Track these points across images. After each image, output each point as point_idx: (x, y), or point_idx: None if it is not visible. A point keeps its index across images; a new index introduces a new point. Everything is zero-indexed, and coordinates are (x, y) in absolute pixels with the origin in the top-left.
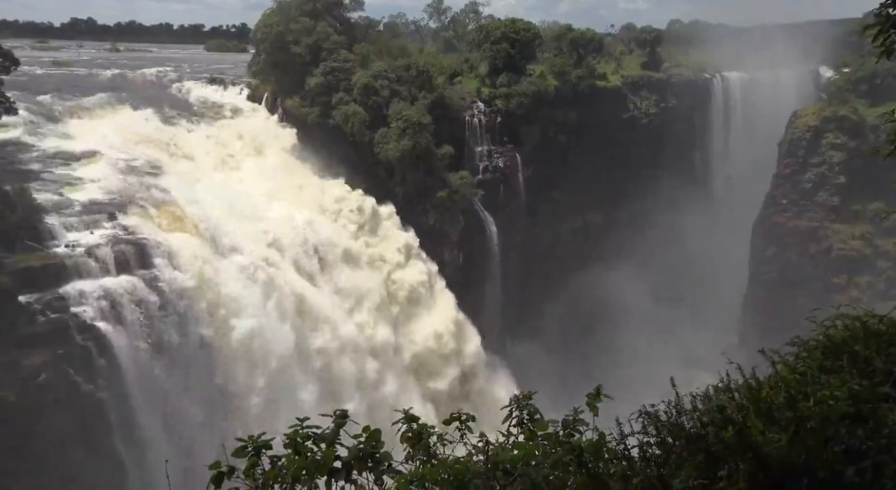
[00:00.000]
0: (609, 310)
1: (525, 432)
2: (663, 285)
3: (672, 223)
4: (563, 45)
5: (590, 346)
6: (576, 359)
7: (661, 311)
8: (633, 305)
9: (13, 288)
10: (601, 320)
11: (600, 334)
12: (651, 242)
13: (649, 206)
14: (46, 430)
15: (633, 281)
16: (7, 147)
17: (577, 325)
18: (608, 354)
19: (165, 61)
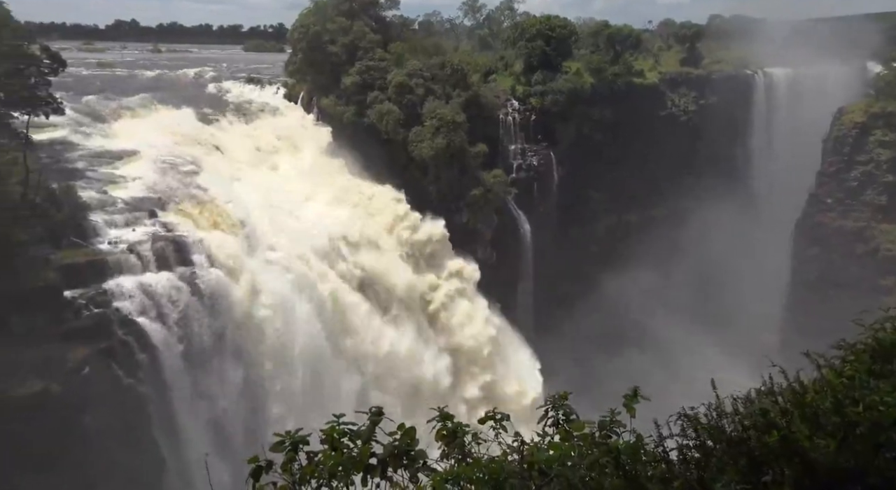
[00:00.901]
0: (645, 309)
1: (560, 433)
2: (701, 284)
3: (710, 222)
4: (600, 41)
5: (624, 345)
6: (610, 358)
7: (698, 310)
8: (670, 304)
9: (59, 283)
10: (636, 319)
11: (635, 334)
12: (688, 241)
13: (687, 205)
14: (90, 423)
15: (670, 279)
16: (55, 146)
17: (612, 324)
18: (642, 354)
19: (205, 61)
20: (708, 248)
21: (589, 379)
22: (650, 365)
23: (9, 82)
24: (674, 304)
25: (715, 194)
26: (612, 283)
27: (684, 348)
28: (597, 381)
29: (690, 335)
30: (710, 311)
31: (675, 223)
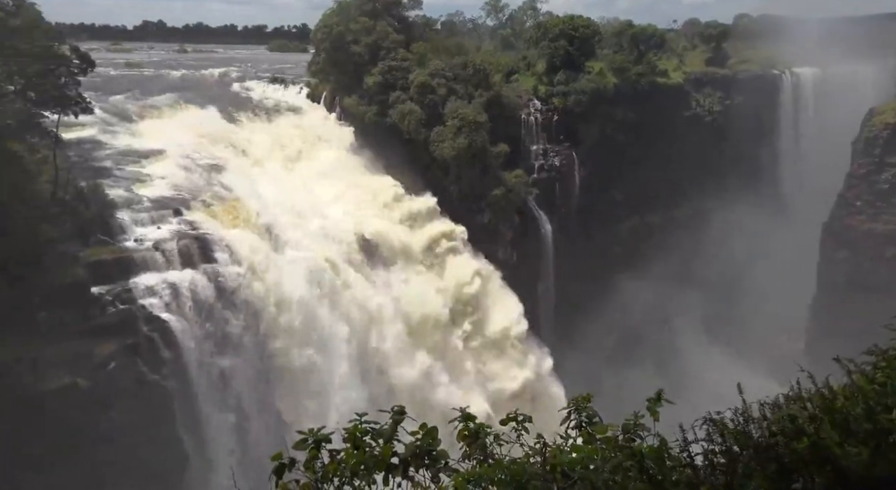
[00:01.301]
0: (667, 310)
1: (583, 435)
2: (724, 286)
3: (734, 223)
4: (623, 41)
5: (645, 346)
6: (631, 360)
7: (721, 313)
8: (693, 306)
9: (87, 280)
10: (658, 321)
11: (657, 336)
12: (712, 242)
13: (711, 206)
14: (115, 417)
15: (693, 281)
16: (84, 145)
17: (634, 325)
18: (664, 357)
19: (230, 61)
20: (732, 249)
21: (608, 380)
22: (671, 367)
23: (40, 82)
24: (696, 306)
25: (739, 196)
26: (634, 284)
27: (706, 351)
28: (616, 382)
29: (713, 338)
30: (733, 314)
31: (699, 224)
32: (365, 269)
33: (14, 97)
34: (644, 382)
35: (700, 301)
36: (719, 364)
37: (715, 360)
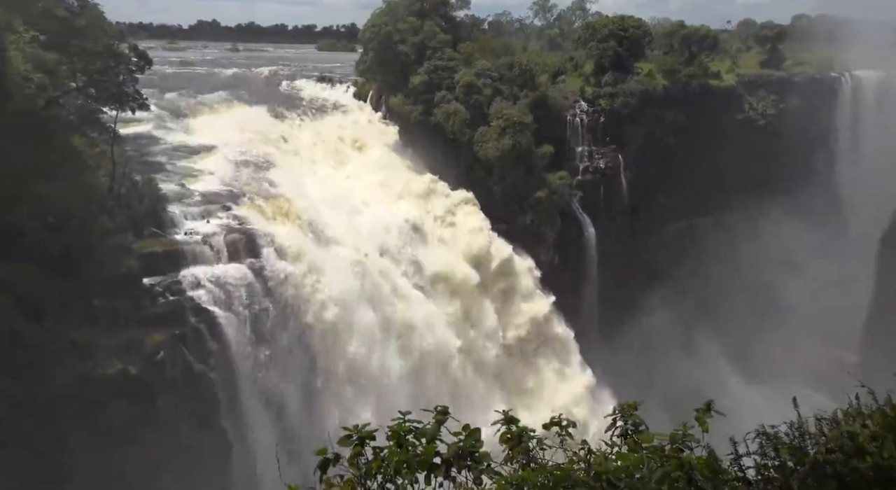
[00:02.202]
0: (714, 319)
1: (629, 443)
2: (775, 295)
3: (786, 230)
4: (675, 42)
5: (691, 356)
6: (675, 370)
7: (771, 322)
8: (741, 315)
9: (139, 271)
10: (705, 330)
11: (704, 344)
12: (763, 249)
13: (762, 212)
14: (162, 405)
15: (742, 289)
16: (139, 140)
17: (679, 332)
18: (711, 367)
19: (279, 60)
20: (783, 258)
21: (651, 388)
22: (718, 379)
23: (101, 80)
24: (745, 315)
25: (792, 202)
26: (680, 290)
27: (755, 363)
28: (661, 391)
29: (762, 349)
30: (784, 324)
31: (748, 230)
32: (407, 266)
33: (77, 94)
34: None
35: (751, 308)
36: (769, 376)
37: (765, 371)
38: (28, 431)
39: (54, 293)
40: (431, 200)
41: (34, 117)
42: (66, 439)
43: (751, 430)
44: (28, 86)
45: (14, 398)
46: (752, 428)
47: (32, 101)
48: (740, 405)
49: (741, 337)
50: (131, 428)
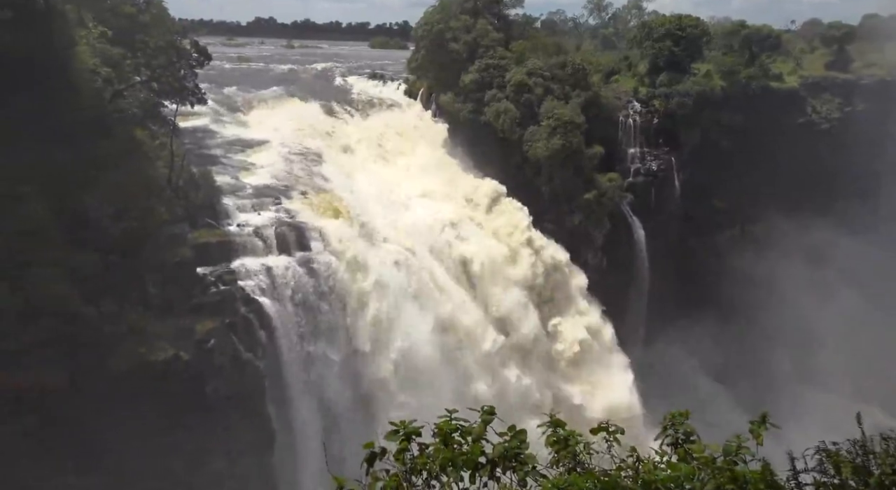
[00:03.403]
0: (768, 328)
1: (679, 453)
2: (832, 305)
3: (847, 241)
4: (734, 42)
5: (742, 365)
6: (725, 379)
7: (828, 333)
8: (796, 326)
9: (193, 260)
10: (758, 339)
11: (756, 354)
12: (819, 259)
13: (822, 221)
14: (211, 392)
15: (798, 299)
16: (197, 133)
17: (731, 341)
18: (762, 377)
19: (333, 57)
20: (841, 268)
21: (700, 399)
22: (770, 390)
23: (163, 74)
24: (800, 328)
25: (857, 212)
26: (732, 297)
27: (809, 375)
28: (709, 401)
29: (817, 364)
30: (841, 336)
31: (805, 238)
32: (452, 264)
33: (140, 88)
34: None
35: (807, 319)
36: (825, 389)
37: (820, 384)
38: (83, 413)
39: (113, 279)
40: (481, 200)
41: (100, 110)
42: (120, 421)
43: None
44: (95, 79)
45: (72, 380)
46: (812, 443)
47: (99, 95)
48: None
49: (798, 347)
50: (181, 413)
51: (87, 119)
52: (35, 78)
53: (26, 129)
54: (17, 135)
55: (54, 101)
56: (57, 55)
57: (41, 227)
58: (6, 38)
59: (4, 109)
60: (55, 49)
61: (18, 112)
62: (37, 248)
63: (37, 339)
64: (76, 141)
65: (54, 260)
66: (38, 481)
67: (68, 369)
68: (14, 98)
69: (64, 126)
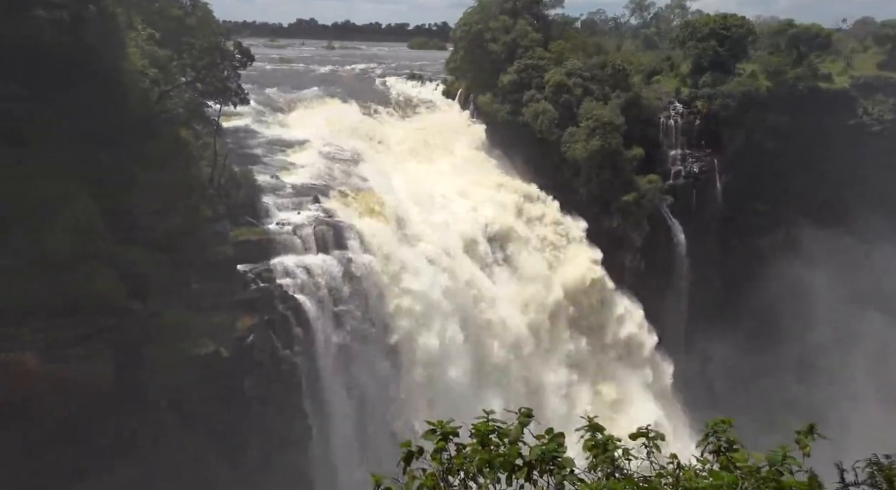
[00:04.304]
0: (813, 337)
1: (722, 461)
2: (881, 316)
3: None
4: (781, 41)
5: (783, 373)
6: (765, 387)
7: (874, 344)
8: (842, 334)
9: (234, 258)
10: (802, 347)
11: (798, 362)
12: (868, 266)
13: (872, 227)
14: (249, 387)
15: (846, 308)
16: (239, 133)
17: (772, 349)
18: (805, 387)
19: (372, 58)
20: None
21: (738, 405)
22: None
23: (208, 75)
24: (847, 332)
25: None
26: (773, 302)
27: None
28: (749, 408)
29: (864, 370)
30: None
31: (858, 246)
32: (489, 266)
33: (185, 88)
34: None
35: (854, 328)
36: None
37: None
38: (125, 405)
39: (157, 275)
40: (517, 202)
41: (147, 110)
42: (160, 414)
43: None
44: (143, 80)
45: (116, 373)
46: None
47: (146, 95)
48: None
49: (842, 357)
50: (220, 407)
51: (135, 119)
52: (86, 79)
53: (76, 129)
54: (68, 134)
55: (104, 101)
56: (108, 57)
57: (89, 224)
58: (61, 41)
59: (57, 110)
60: (106, 51)
61: (70, 112)
62: (85, 244)
63: (82, 332)
64: (123, 140)
65: (101, 256)
66: (80, 471)
67: (112, 362)
68: (66, 99)
69: (112, 126)
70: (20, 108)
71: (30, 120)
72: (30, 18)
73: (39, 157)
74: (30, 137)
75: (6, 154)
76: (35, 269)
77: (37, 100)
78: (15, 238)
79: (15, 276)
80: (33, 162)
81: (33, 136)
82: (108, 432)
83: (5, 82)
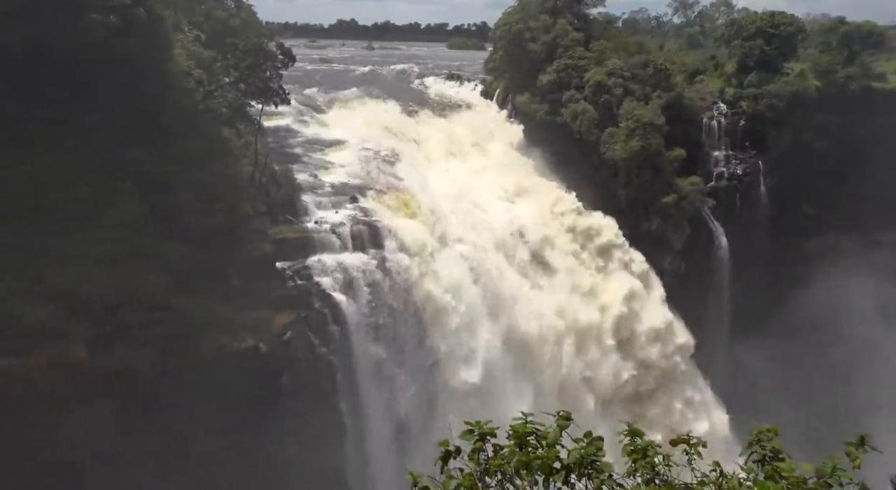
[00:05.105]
0: (859, 346)
1: (767, 471)
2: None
3: None
4: (832, 40)
5: (828, 384)
6: (807, 397)
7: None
8: (891, 345)
9: (273, 255)
10: (847, 357)
11: (843, 373)
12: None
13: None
14: (286, 383)
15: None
16: (279, 132)
17: (815, 358)
18: (850, 399)
19: (411, 58)
20: None
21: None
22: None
23: (250, 75)
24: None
25: None
26: (820, 310)
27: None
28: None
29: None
30: None
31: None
32: (526, 269)
33: (229, 88)
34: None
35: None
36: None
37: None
38: (166, 398)
39: (199, 271)
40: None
41: (192, 110)
42: (199, 407)
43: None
44: (188, 81)
45: (159, 366)
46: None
47: (191, 95)
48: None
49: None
50: (259, 402)
51: (180, 118)
52: (135, 80)
53: (125, 128)
54: (117, 133)
55: (151, 101)
56: (155, 58)
57: (136, 220)
58: (112, 43)
59: (108, 110)
60: (154, 53)
61: (119, 112)
62: (131, 241)
63: (127, 326)
64: (169, 139)
65: (146, 252)
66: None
67: (155, 355)
68: (116, 99)
69: (158, 125)
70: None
71: (80, 120)
72: (83, 22)
73: (88, 156)
74: (79, 136)
75: (55, 152)
76: (85, 265)
77: (85, 100)
78: (67, 234)
79: (66, 272)
80: (82, 160)
81: (82, 136)
82: (154, 424)
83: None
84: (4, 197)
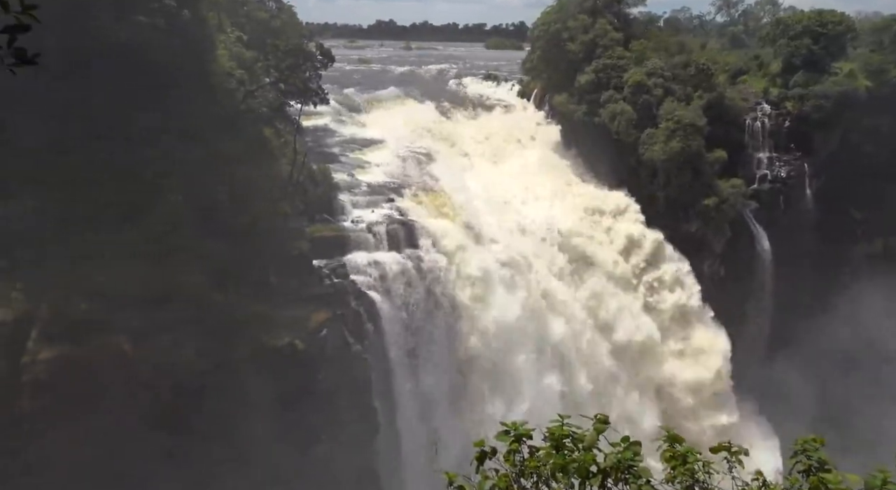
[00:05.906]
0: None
1: (812, 482)
2: None
3: None
4: (885, 38)
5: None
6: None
7: None
8: None
9: (310, 253)
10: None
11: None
12: None
13: None
14: (322, 379)
15: None
16: (318, 132)
17: (861, 368)
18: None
19: (448, 58)
20: None
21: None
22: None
23: (290, 76)
24: None
25: None
26: (867, 318)
27: None
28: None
29: None
30: None
31: None
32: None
33: (269, 88)
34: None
35: None
36: None
37: None
38: (206, 392)
39: (239, 268)
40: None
41: (233, 110)
42: (238, 401)
43: None
44: (230, 81)
45: (199, 360)
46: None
47: (232, 95)
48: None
49: None
50: (295, 397)
51: (221, 118)
52: (179, 80)
53: (168, 127)
54: (161, 132)
55: (194, 101)
56: (199, 59)
57: (178, 218)
58: (158, 44)
59: (152, 110)
60: (197, 53)
61: (163, 111)
62: (174, 237)
63: (169, 321)
64: (210, 138)
65: (189, 248)
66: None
67: (195, 350)
68: (160, 99)
69: (200, 124)
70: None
71: (127, 120)
72: (132, 24)
73: (133, 154)
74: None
75: (103, 150)
76: (130, 260)
77: (133, 100)
78: (115, 230)
79: (113, 266)
80: (127, 159)
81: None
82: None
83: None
84: (61, 199)
